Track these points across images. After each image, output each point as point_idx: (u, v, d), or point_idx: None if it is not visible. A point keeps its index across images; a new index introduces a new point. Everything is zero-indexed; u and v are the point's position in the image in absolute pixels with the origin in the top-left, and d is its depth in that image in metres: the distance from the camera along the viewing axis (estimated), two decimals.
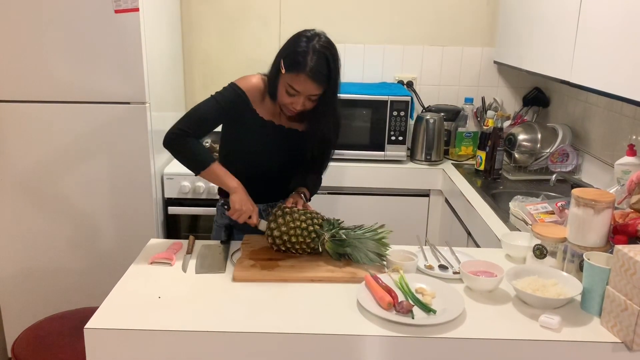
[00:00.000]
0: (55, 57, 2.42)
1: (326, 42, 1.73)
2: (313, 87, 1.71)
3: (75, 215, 2.61)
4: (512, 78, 3.23)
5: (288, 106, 1.78)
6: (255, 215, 1.78)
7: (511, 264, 1.77)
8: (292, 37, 1.76)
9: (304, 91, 1.72)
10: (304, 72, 1.68)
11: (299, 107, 1.76)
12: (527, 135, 2.78)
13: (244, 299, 1.51)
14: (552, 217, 2.03)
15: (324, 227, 1.74)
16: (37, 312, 2.49)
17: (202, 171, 1.77)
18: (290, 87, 1.72)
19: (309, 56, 1.68)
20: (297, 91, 1.72)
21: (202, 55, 3.21)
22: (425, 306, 1.44)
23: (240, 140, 1.89)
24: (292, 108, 1.78)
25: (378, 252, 1.70)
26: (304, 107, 1.77)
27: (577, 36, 2.14)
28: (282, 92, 1.76)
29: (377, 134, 2.87)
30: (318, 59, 1.69)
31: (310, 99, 1.76)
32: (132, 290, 1.55)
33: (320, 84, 1.71)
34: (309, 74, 1.68)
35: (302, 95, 1.73)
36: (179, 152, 1.80)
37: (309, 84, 1.70)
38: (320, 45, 1.70)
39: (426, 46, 3.20)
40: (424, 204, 2.93)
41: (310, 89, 1.71)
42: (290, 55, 1.71)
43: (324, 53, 1.70)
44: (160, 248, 1.81)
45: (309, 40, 1.71)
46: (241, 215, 1.76)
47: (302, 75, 1.68)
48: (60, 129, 2.50)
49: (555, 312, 1.45)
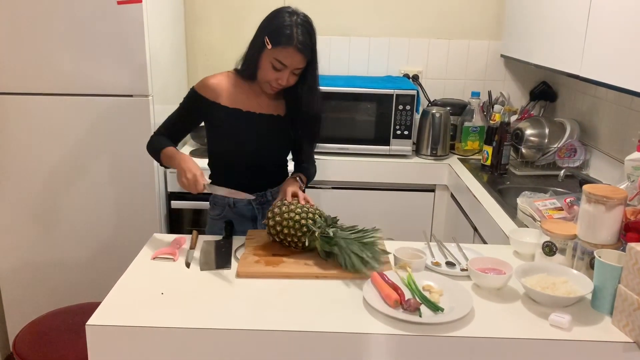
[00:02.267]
0: (57, 49, 2.39)
1: (305, 17, 1.80)
2: (300, 60, 1.77)
3: (78, 208, 2.59)
4: (519, 72, 3.19)
5: (272, 82, 1.81)
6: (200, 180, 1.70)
7: (519, 261, 1.74)
8: (272, 14, 1.82)
9: (291, 64, 1.77)
10: (292, 45, 1.74)
11: (284, 82, 1.80)
12: (535, 130, 2.75)
13: (249, 296, 1.49)
14: (560, 214, 2.00)
15: (316, 223, 1.69)
16: (40, 307, 2.48)
17: (160, 156, 1.83)
18: (277, 62, 1.76)
19: (294, 29, 1.74)
20: (284, 65, 1.76)
21: (205, 47, 3.18)
22: (433, 304, 1.41)
23: (216, 135, 1.93)
24: (277, 84, 1.81)
25: (362, 257, 1.57)
26: (287, 83, 1.81)
27: (588, 29, 2.10)
28: (267, 68, 1.79)
29: (382, 128, 2.84)
30: (302, 32, 1.75)
31: (294, 73, 1.80)
32: (134, 286, 1.53)
33: (307, 56, 1.77)
34: (297, 46, 1.74)
35: (288, 69, 1.78)
36: (148, 148, 1.90)
37: (296, 56, 1.75)
38: (302, 19, 1.78)
39: (432, 39, 3.16)
40: (430, 199, 2.90)
41: (297, 61, 1.77)
42: (276, 30, 1.76)
43: (307, 27, 1.77)
44: (163, 243, 1.79)
45: (290, 15, 1.77)
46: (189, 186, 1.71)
47: (291, 48, 1.74)
48: (62, 121, 2.48)
49: (566, 311, 1.42)
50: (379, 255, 1.63)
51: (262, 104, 1.91)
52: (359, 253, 1.58)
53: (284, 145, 2.01)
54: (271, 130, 1.94)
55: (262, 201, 2.01)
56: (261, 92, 1.90)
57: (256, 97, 1.90)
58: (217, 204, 2.01)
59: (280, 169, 2.07)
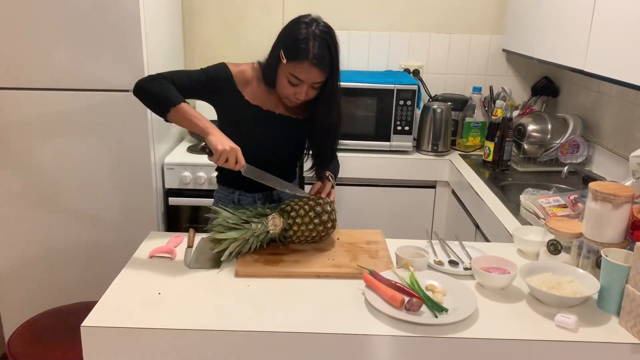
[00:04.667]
0: (52, 43, 2.35)
1: (325, 27, 1.67)
2: (317, 75, 1.66)
3: (74, 206, 2.55)
4: (521, 67, 3.15)
5: (291, 97, 1.72)
6: (240, 156, 1.60)
7: (523, 260, 1.71)
8: (289, 25, 1.69)
9: (308, 79, 1.66)
10: (306, 59, 1.62)
11: (303, 96, 1.70)
12: (537, 126, 2.71)
13: (247, 296, 1.45)
14: (564, 211, 1.96)
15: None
16: (36, 306, 2.44)
17: (171, 109, 1.61)
18: (292, 77, 1.66)
19: (310, 43, 1.62)
20: (300, 80, 1.66)
21: (203, 43, 3.14)
22: (436, 305, 1.38)
23: (230, 125, 1.82)
24: (295, 99, 1.72)
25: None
26: (307, 97, 1.72)
27: (593, 23, 2.06)
28: (284, 84, 1.69)
29: (382, 124, 2.80)
30: (320, 45, 1.63)
31: (314, 87, 1.70)
32: (131, 285, 1.50)
33: (324, 70, 1.66)
34: (312, 61, 1.62)
35: (306, 84, 1.68)
36: (148, 90, 1.65)
37: (312, 71, 1.64)
38: (320, 30, 1.64)
39: (433, 33, 3.13)
40: (430, 195, 2.87)
41: (314, 76, 1.66)
42: (291, 44, 1.65)
43: (325, 38, 1.64)
44: (161, 241, 1.75)
45: (308, 26, 1.64)
46: (228, 155, 1.57)
47: (306, 63, 1.62)
48: (58, 116, 2.44)
49: (571, 311, 1.39)
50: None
51: (282, 104, 1.82)
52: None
53: (297, 149, 1.94)
54: (288, 133, 1.86)
55: (268, 200, 1.95)
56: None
57: (277, 97, 1.80)
58: (221, 200, 1.96)
59: (290, 171, 2.01)
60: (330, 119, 1.78)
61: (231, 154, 1.58)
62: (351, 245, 1.74)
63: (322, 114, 1.77)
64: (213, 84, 1.75)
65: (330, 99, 1.74)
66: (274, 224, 1.65)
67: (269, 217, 1.66)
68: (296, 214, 1.67)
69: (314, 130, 1.83)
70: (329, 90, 1.72)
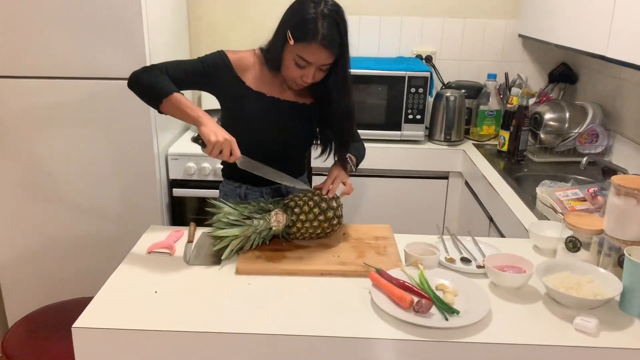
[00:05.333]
0: (50, 29, 2.28)
1: (334, 6, 1.57)
2: (326, 56, 1.57)
3: (75, 198, 2.49)
4: (538, 53, 3.03)
5: (297, 80, 1.64)
6: (235, 147, 1.51)
7: (539, 257, 1.63)
8: (296, 4, 1.60)
9: (316, 61, 1.57)
10: (315, 40, 1.53)
11: (310, 79, 1.62)
12: (554, 114, 2.60)
13: (248, 295, 1.39)
14: (583, 205, 1.87)
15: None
16: (37, 299, 2.41)
17: (163, 100, 1.53)
18: (300, 59, 1.57)
19: (319, 22, 1.53)
20: (308, 62, 1.58)
21: (209, 27, 3.05)
22: (447, 306, 1.30)
23: (234, 114, 1.73)
24: (302, 81, 1.64)
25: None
26: (314, 79, 1.63)
27: (616, 7, 1.95)
28: (291, 65, 1.61)
29: (393, 113, 2.71)
30: (329, 25, 1.54)
31: (321, 69, 1.61)
32: (127, 283, 1.43)
33: (333, 51, 1.57)
34: (321, 42, 1.53)
35: (313, 66, 1.59)
36: (140, 82, 1.57)
37: (321, 53, 1.55)
38: (329, 9, 1.55)
39: (446, 18, 3.01)
40: (443, 186, 2.78)
41: (322, 58, 1.57)
42: (298, 24, 1.56)
43: (334, 18, 1.55)
44: (160, 235, 1.69)
45: (316, 5, 1.55)
46: (222, 147, 1.48)
47: (314, 44, 1.53)
48: (57, 106, 2.37)
49: (592, 314, 1.30)
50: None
51: (287, 90, 1.74)
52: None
53: (306, 136, 1.84)
54: (294, 119, 1.77)
55: (276, 194, 1.87)
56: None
57: (281, 83, 1.73)
58: (227, 194, 1.88)
59: (299, 162, 1.92)
60: (346, 102, 1.70)
61: (225, 145, 1.48)
62: (358, 241, 1.66)
63: (336, 98, 1.68)
64: (210, 72, 1.67)
65: (343, 82, 1.66)
66: (276, 220, 1.58)
67: (271, 213, 1.58)
68: (300, 210, 1.60)
69: (330, 116, 1.74)
70: (341, 73, 1.64)
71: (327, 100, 1.69)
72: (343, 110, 1.71)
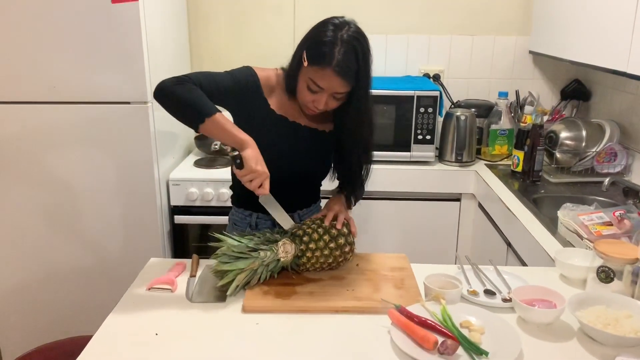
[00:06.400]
0: (48, 53, 2.20)
1: (356, 33, 1.46)
2: (339, 84, 1.46)
3: (73, 226, 2.39)
4: (549, 69, 2.95)
5: (309, 105, 1.53)
6: (267, 183, 1.46)
7: (567, 287, 1.52)
8: (318, 25, 1.50)
9: (329, 88, 1.47)
10: (329, 66, 1.42)
11: (322, 106, 1.51)
12: (570, 133, 2.51)
13: (256, 336, 1.28)
14: (610, 229, 1.76)
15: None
16: (32, 337, 2.30)
17: (205, 119, 1.43)
18: (312, 83, 1.47)
19: (336, 48, 1.42)
20: (320, 88, 1.47)
21: (210, 48, 2.97)
22: (475, 346, 1.19)
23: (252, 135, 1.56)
24: (313, 107, 1.53)
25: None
26: (327, 107, 1.52)
27: (636, 21, 1.86)
28: (303, 88, 1.50)
29: (402, 133, 2.61)
30: (346, 51, 1.43)
31: (335, 97, 1.51)
32: (125, 324, 1.32)
33: (348, 80, 1.46)
34: (335, 68, 1.42)
35: (326, 93, 1.48)
36: (176, 96, 1.44)
37: (334, 80, 1.44)
38: (349, 35, 1.44)
39: (454, 35, 2.93)
40: (455, 209, 2.67)
41: (335, 85, 1.46)
42: (314, 46, 1.46)
43: (353, 45, 1.44)
44: (161, 269, 1.58)
45: (336, 28, 1.45)
46: (256, 177, 1.43)
47: (328, 69, 1.43)
48: (55, 131, 2.28)
49: (633, 353, 1.19)
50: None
51: (309, 115, 1.63)
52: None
53: (323, 164, 1.75)
54: (314, 146, 1.67)
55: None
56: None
57: (300, 107, 1.62)
58: (237, 223, 1.78)
59: (314, 190, 1.83)
60: (358, 135, 1.59)
61: (261, 178, 1.43)
62: (373, 272, 1.56)
63: (350, 131, 1.58)
64: (240, 91, 1.57)
65: (359, 115, 1.55)
66: (284, 251, 1.47)
67: (279, 244, 1.48)
68: (309, 239, 1.49)
69: (342, 143, 1.64)
70: (357, 104, 1.53)
71: (343, 130, 1.60)
72: (358, 143, 1.61)
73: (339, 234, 1.53)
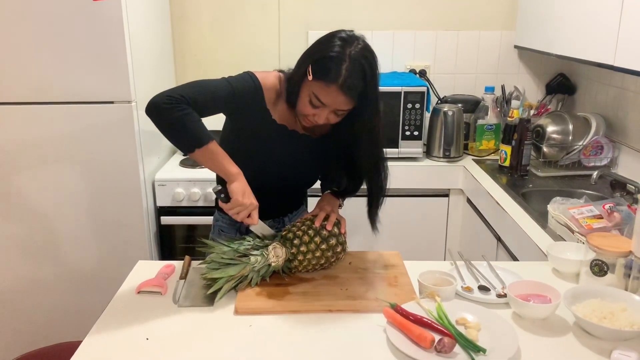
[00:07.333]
0: (29, 54, 2.14)
1: (365, 50, 1.41)
2: (342, 102, 1.41)
3: (56, 228, 2.34)
4: (534, 64, 2.96)
5: (308, 117, 1.48)
6: (255, 214, 1.45)
7: (561, 281, 1.52)
8: (325, 37, 1.44)
9: (332, 105, 1.42)
10: (334, 83, 1.37)
11: (322, 120, 1.46)
12: (557, 127, 2.51)
13: (250, 338, 1.25)
14: (600, 222, 1.76)
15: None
16: (20, 342, 2.25)
17: (197, 149, 1.40)
18: (315, 98, 1.42)
19: (343, 65, 1.36)
20: (322, 103, 1.42)
21: (194, 46, 2.93)
22: (472, 344, 1.18)
23: (247, 142, 1.58)
24: (313, 120, 1.48)
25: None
26: (326, 121, 1.48)
27: (622, 15, 1.87)
28: (304, 101, 1.45)
29: (390, 130, 2.60)
30: (353, 69, 1.37)
31: (336, 113, 1.46)
32: (115, 329, 1.29)
33: (352, 98, 1.41)
34: (341, 86, 1.37)
35: (328, 109, 1.43)
36: (169, 121, 1.39)
37: (339, 97, 1.40)
38: (357, 52, 1.38)
39: (439, 31, 2.93)
40: (444, 204, 2.67)
41: (339, 102, 1.41)
42: (320, 61, 1.40)
43: (361, 63, 1.38)
44: (150, 272, 1.54)
45: (345, 43, 1.39)
46: (242, 210, 1.42)
47: (333, 86, 1.38)
48: (37, 133, 2.23)
49: (630, 346, 1.19)
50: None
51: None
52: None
53: (317, 170, 1.73)
54: (310, 154, 1.64)
55: (279, 227, 1.72)
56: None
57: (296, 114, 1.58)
58: (224, 230, 1.74)
59: (304, 194, 1.83)
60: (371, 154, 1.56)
61: (249, 209, 1.43)
62: (366, 270, 1.54)
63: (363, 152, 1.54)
64: (239, 101, 1.49)
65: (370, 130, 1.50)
66: (275, 255, 1.44)
67: (269, 248, 1.45)
68: (300, 241, 1.47)
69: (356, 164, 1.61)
70: (367, 122, 1.48)
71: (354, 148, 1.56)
72: (370, 160, 1.57)
73: (330, 234, 1.51)
